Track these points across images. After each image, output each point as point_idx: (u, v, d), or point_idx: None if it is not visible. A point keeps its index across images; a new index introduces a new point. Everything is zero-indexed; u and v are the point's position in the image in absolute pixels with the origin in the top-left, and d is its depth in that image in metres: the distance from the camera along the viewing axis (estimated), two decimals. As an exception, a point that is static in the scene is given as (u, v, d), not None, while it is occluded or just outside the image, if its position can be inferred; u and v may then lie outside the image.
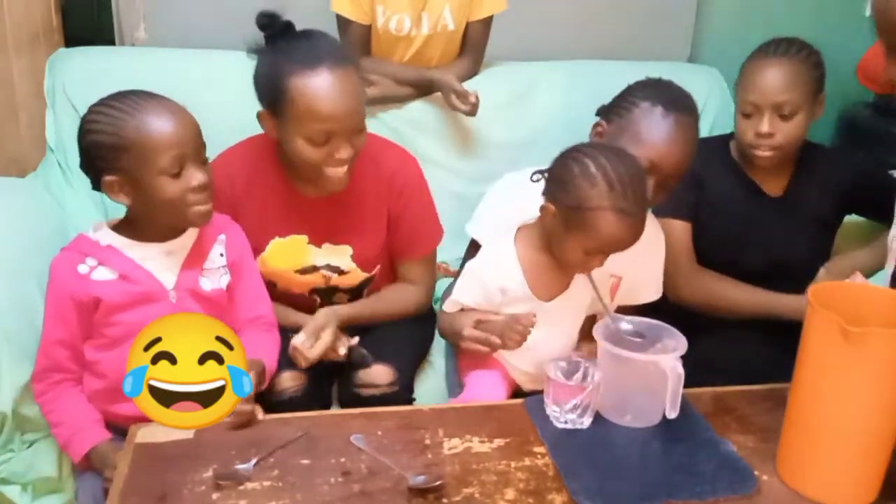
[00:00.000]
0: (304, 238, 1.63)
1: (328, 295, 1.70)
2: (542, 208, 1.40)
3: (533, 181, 1.42)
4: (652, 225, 1.65)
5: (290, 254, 1.63)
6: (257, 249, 1.60)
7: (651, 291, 1.64)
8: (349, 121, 1.46)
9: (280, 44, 1.49)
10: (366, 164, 1.59)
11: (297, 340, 1.48)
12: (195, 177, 1.34)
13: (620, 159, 1.34)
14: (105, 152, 1.33)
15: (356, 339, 1.55)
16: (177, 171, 1.33)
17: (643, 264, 1.59)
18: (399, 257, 1.72)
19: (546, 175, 1.41)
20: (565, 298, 1.48)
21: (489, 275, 1.47)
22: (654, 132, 1.46)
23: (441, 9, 2.04)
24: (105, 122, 1.33)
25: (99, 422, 1.41)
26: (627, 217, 1.32)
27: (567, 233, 1.36)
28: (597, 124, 1.58)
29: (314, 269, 1.65)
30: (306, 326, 1.50)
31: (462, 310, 1.50)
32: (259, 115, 1.53)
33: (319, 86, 1.43)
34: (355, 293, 1.72)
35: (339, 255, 1.65)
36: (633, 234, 1.35)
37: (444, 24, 2.06)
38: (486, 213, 1.64)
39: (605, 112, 1.57)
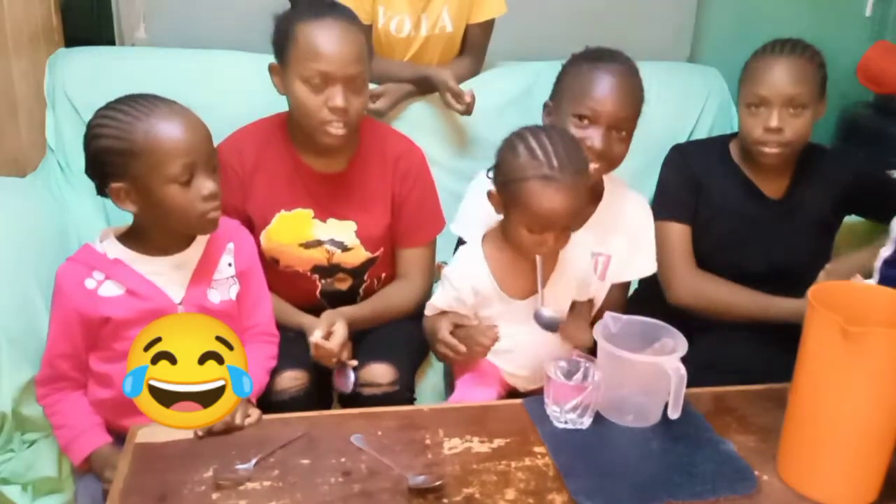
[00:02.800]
0: (309, 212, 1.65)
1: (330, 274, 1.71)
2: (488, 196, 1.43)
3: (489, 178, 1.45)
4: (637, 202, 1.68)
5: (295, 227, 1.65)
6: (263, 223, 1.63)
7: (645, 265, 1.66)
8: (345, 67, 1.51)
9: (300, 5, 1.58)
10: (372, 146, 1.63)
11: (316, 337, 1.48)
12: (205, 185, 1.31)
13: (546, 131, 1.38)
14: (113, 157, 1.29)
15: (354, 363, 1.56)
16: (186, 179, 1.29)
17: (631, 240, 1.61)
18: (401, 243, 1.73)
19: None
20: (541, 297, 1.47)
21: (458, 277, 1.48)
22: (584, 84, 1.52)
23: (440, 11, 2.04)
24: (113, 127, 1.29)
25: (100, 425, 1.40)
26: (552, 182, 1.32)
27: (507, 214, 1.40)
28: (545, 104, 1.64)
29: (318, 243, 1.66)
30: (318, 323, 1.52)
31: (443, 313, 1.51)
32: (270, 68, 1.59)
33: (321, 28, 1.51)
34: (357, 275, 1.72)
35: (344, 231, 1.67)
36: (565, 202, 1.33)
37: (442, 26, 2.06)
38: (469, 210, 1.65)
39: (551, 93, 1.62)
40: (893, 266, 1.41)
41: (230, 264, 1.46)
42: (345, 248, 1.68)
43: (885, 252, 1.44)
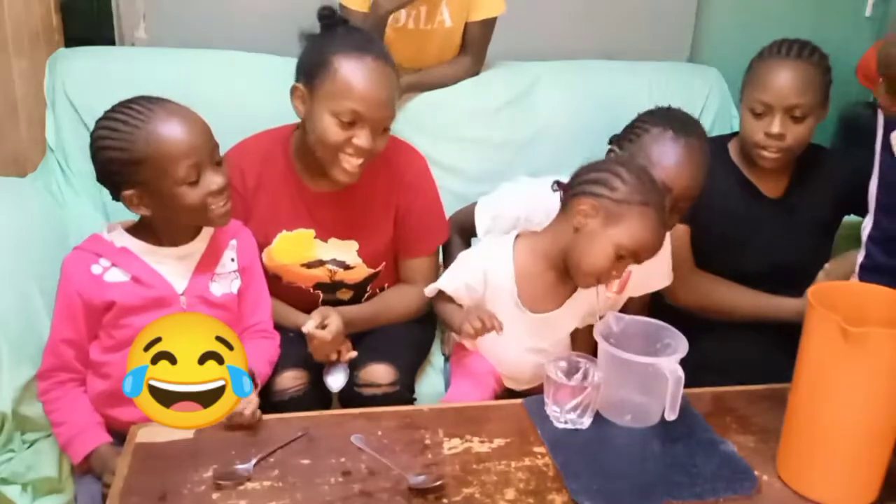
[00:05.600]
0: (311, 232, 1.64)
1: (332, 290, 1.71)
2: (575, 204, 1.38)
3: (553, 190, 1.43)
4: None
5: (297, 247, 1.65)
6: (265, 243, 1.63)
7: (661, 279, 1.66)
8: (379, 110, 1.49)
9: (337, 30, 1.54)
10: (375, 160, 1.61)
11: (309, 327, 1.48)
12: (213, 181, 1.35)
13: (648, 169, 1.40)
14: (120, 167, 1.32)
15: (353, 354, 1.56)
16: (194, 179, 1.33)
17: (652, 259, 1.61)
18: (404, 253, 1.72)
19: (577, 178, 1.41)
20: (553, 317, 1.47)
21: (476, 263, 1.48)
22: (665, 155, 1.49)
23: (439, 4, 2.03)
24: (115, 138, 1.31)
25: (101, 424, 1.41)
26: (661, 218, 1.36)
27: (604, 230, 1.36)
28: (609, 151, 1.59)
29: (320, 263, 1.66)
30: (312, 316, 1.51)
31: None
32: (293, 89, 1.55)
33: (362, 68, 1.48)
34: (359, 289, 1.72)
35: (346, 250, 1.66)
36: (660, 241, 1.38)
37: (441, 20, 2.05)
38: (491, 212, 1.67)
39: (617, 139, 1.59)
40: (871, 271, 1.41)
41: (233, 259, 1.48)
42: (347, 267, 1.67)
43: (859, 258, 1.44)
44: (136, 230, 1.42)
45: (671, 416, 1.26)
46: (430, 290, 1.56)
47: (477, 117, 2.07)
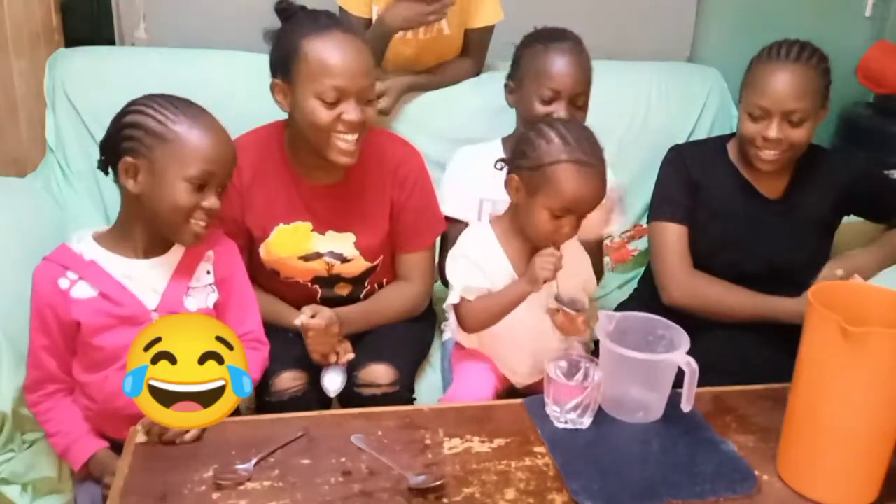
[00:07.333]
0: (308, 225, 1.64)
1: (330, 285, 1.71)
2: (507, 182, 1.46)
3: (497, 169, 1.50)
4: None
5: (294, 240, 1.65)
6: (262, 237, 1.63)
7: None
8: (359, 80, 1.50)
9: (298, 17, 1.56)
10: (371, 154, 1.62)
11: (302, 319, 1.49)
12: (210, 199, 1.35)
13: (569, 121, 1.48)
14: (143, 134, 1.32)
15: (351, 356, 1.56)
16: (198, 185, 1.33)
17: None
18: (400, 248, 1.73)
19: (509, 154, 1.49)
20: (548, 286, 1.47)
21: (465, 260, 1.49)
22: (544, 64, 1.70)
23: None
24: (158, 110, 1.32)
25: (95, 431, 1.41)
26: (585, 167, 1.39)
27: (532, 199, 1.42)
28: (505, 84, 1.83)
29: (317, 255, 1.66)
30: (303, 309, 1.52)
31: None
32: (272, 86, 1.56)
33: (332, 44, 1.49)
34: (357, 284, 1.72)
35: (343, 243, 1.66)
36: (594, 186, 1.41)
37: (439, 28, 2.06)
38: (450, 189, 1.78)
39: (510, 72, 1.82)
40: None
41: (208, 272, 1.45)
42: (344, 260, 1.67)
43: None
44: (106, 239, 1.39)
45: (687, 406, 1.28)
46: (457, 298, 1.52)
47: (477, 117, 2.07)
